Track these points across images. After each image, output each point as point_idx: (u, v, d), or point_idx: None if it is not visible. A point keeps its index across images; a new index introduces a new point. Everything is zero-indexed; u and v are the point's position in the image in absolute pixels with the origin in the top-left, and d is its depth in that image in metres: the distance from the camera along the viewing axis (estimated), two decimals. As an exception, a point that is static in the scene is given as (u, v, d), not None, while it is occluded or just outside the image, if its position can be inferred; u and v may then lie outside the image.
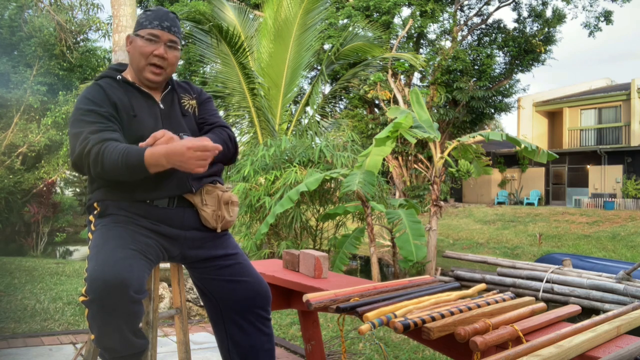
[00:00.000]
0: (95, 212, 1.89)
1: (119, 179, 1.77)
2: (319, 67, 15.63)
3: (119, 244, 1.73)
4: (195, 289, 4.48)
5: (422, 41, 23.91)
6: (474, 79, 21.72)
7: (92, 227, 1.87)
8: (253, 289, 1.97)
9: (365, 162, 7.49)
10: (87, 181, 1.98)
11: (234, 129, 11.57)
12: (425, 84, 23.33)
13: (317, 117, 11.44)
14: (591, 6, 23.97)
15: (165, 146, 1.67)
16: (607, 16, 22.62)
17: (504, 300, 1.89)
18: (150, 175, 1.74)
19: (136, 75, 1.96)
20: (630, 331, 1.70)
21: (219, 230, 1.98)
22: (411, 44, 23.01)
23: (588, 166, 22.96)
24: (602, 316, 1.73)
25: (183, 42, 19.15)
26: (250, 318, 1.97)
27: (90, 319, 1.66)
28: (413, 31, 22.15)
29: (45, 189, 14.40)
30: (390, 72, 20.51)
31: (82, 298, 1.67)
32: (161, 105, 1.97)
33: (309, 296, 1.87)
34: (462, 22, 23.77)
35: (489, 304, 1.82)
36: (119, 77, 1.95)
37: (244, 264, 2.01)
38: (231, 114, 10.93)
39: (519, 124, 25.88)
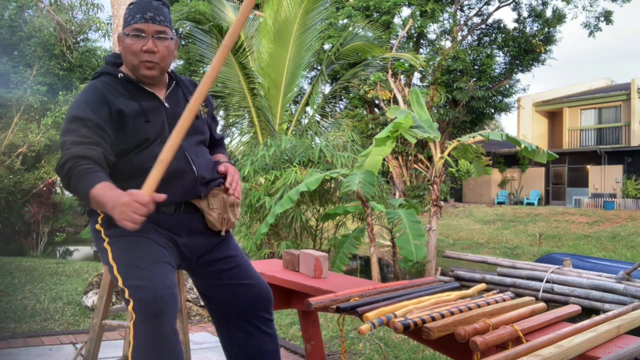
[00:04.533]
0: (99, 217, 1.81)
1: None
2: (319, 67, 15.61)
3: (153, 259, 1.73)
4: (195, 289, 4.48)
5: (422, 41, 23.90)
6: (474, 79, 21.70)
7: (104, 237, 1.77)
8: (255, 292, 1.96)
9: (365, 162, 7.48)
10: None
11: (233, 129, 11.59)
12: (425, 84, 23.32)
13: (317, 117, 11.43)
14: (591, 6, 23.90)
15: (115, 192, 1.56)
16: (607, 16, 22.61)
17: (504, 300, 1.89)
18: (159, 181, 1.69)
19: (133, 74, 1.84)
20: (630, 331, 1.70)
21: (223, 233, 1.97)
22: (411, 44, 23.00)
23: (588, 166, 22.95)
24: (602, 316, 1.73)
25: (183, 42, 19.13)
26: (254, 321, 1.97)
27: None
28: (413, 31, 22.13)
29: (45, 189, 14.38)
30: (390, 72, 20.49)
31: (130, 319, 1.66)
32: (166, 104, 1.87)
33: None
34: (462, 22, 23.76)
35: (489, 304, 1.82)
36: (120, 75, 1.83)
37: (245, 266, 2.00)
38: (231, 114, 10.93)
39: (519, 124, 25.86)
